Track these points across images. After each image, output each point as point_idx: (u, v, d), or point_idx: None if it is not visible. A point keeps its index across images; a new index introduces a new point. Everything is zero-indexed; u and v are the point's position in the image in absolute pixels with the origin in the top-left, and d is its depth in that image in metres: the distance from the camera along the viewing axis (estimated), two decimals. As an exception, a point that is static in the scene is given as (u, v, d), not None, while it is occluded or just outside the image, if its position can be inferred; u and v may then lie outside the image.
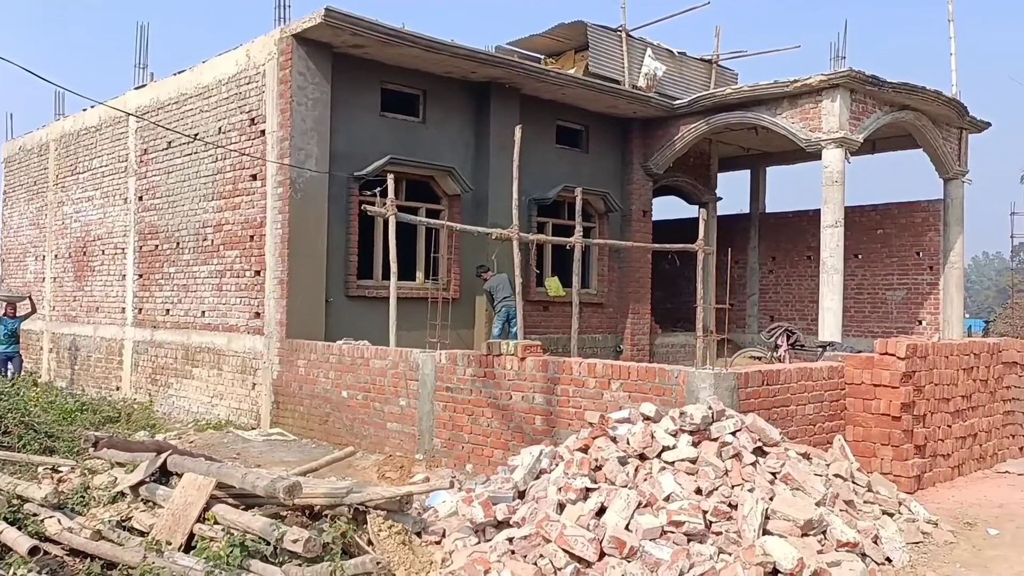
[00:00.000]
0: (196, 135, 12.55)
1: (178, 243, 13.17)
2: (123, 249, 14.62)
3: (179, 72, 13.39)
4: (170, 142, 13.35)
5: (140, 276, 14.13)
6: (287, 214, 11.00)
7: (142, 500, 6.05)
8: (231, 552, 4.82)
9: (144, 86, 14.41)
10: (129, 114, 13.77)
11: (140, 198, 14.16)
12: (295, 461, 8.63)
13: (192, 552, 5.13)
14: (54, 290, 16.94)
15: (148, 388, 13.67)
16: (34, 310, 15.55)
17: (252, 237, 11.63)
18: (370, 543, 5.24)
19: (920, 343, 7.71)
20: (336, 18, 10.62)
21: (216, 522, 5.35)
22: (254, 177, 11.61)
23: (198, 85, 12.78)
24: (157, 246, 13.69)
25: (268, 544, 4.89)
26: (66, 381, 15.89)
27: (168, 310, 13.38)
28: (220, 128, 12.24)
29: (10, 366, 14.62)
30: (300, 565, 4.74)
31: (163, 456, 6.22)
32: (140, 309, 14.08)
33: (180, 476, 5.90)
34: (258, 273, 11.49)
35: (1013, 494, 7.54)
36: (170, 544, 5.26)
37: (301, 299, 11.09)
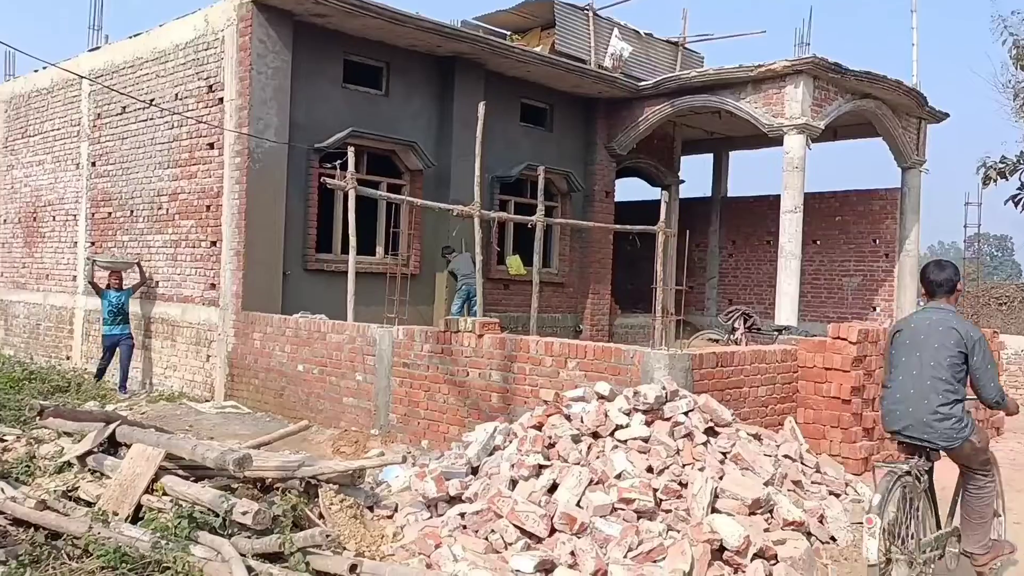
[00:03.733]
0: (152, 101, 12.24)
1: (132, 211, 12.87)
2: (75, 216, 14.25)
3: (135, 35, 13.02)
4: (124, 107, 13.00)
5: (92, 244, 13.79)
6: (245, 184, 10.79)
7: (89, 470, 5.95)
8: (179, 523, 4.75)
9: (98, 49, 13.99)
10: (82, 77, 13.36)
11: (93, 164, 13.80)
12: (249, 434, 8.54)
13: (140, 523, 5.06)
14: (2, 256, 16.47)
15: (99, 358, 13.39)
16: (143, 280, 12.34)
17: (208, 207, 11.40)
18: (321, 517, 5.21)
19: (871, 328, 7.85)
20: (299, -15, 10.40)
21: (165, 493, 5.27)
22: (211, 146, 11.37)
23: (154, 49, 12.44)
24: (110, 213, 13.37)
25: (217, 516, 4.83)
26: (14, 349, 15.50)
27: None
28: (177, 94, 11.95)
29: (120, 352, 11.84)
30: (249, 537, 4.69)
31: (112, 426, 6.11)
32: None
33: (129, 447, 5.80)
34: (214, 244, 11.29)
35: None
36: (117, 515, 5.18)
37: (258, 271, 10.92)
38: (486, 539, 5.01)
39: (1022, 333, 15.94)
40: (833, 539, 5.56)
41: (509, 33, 16.09)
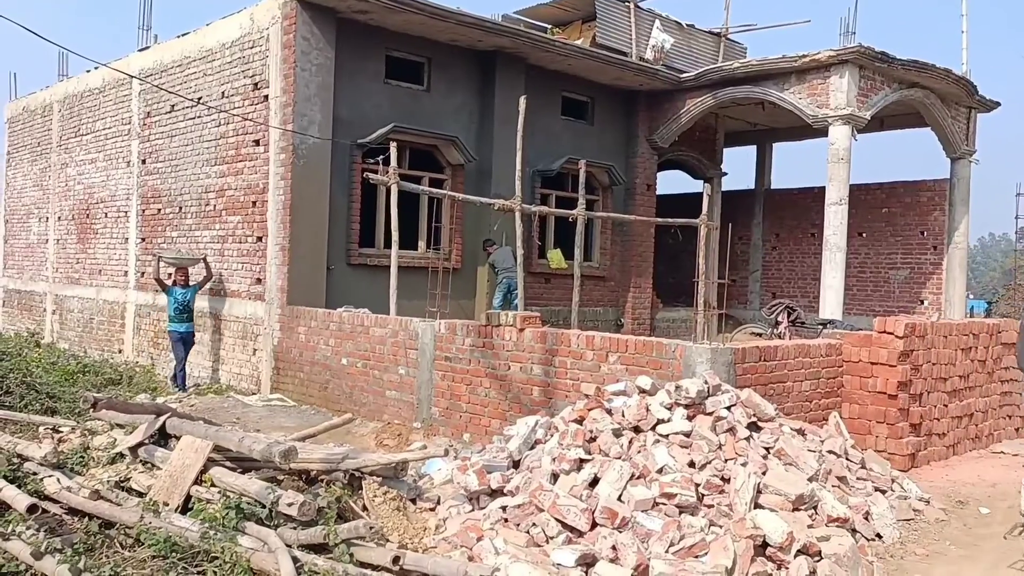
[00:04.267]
0: (199, 99, 12.48)
1: (181, 207, 13.15)
2: (126, 212, 14.61)
3: (183, 35, 13.29)
4: (173, 105, 13.28)
5: (143, 240, 14.13)
6: (289, 180, 10.96)
7: (141, 461, 6.09)
8: (227, 514, 4.85)
9: (148, 48, 14.30)
10: (132, 76, 13.68)
11: (143, 161, 14.13)
12: (294, 427, 8.69)
13: (189, 513, 5.17)
14: (57, 252, 16.97)
15: (150, 351, 13.74)
16: (210, 276, 12.08)
17: (254, 203, 11.61)
18: (365, 508, 5.28)
19: (918, 322, 7.71)
20: (341, -17, 10.50)
21: (213, 484, 5.39)
22: (257, 142, 11.56)
23: (201, 48, 12.68)
24: (160, 210, 13.68)
25: (264, 507, 4.93)
26: (69, 343, 15.97)
27: (170, 275, 13.37)
28: (223, 92, 12.17)
29: (183, 350, 11.79)
30: (295, 528, 4.78)
31: (162, 419, 6.25)
32: (143, 273, 14.10)
33: (179, 439, 5.94)
34: (260, 239, 11.49)
35: (1007, 474, 7.58)
36: (167, 505, 5.31)
37: (302, 266, 11.09)
38: (527, 532, 5.04)
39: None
40: (879, 536, 5.49)
41: (550, 27, 16.05)
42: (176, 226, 13.25)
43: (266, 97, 11.33)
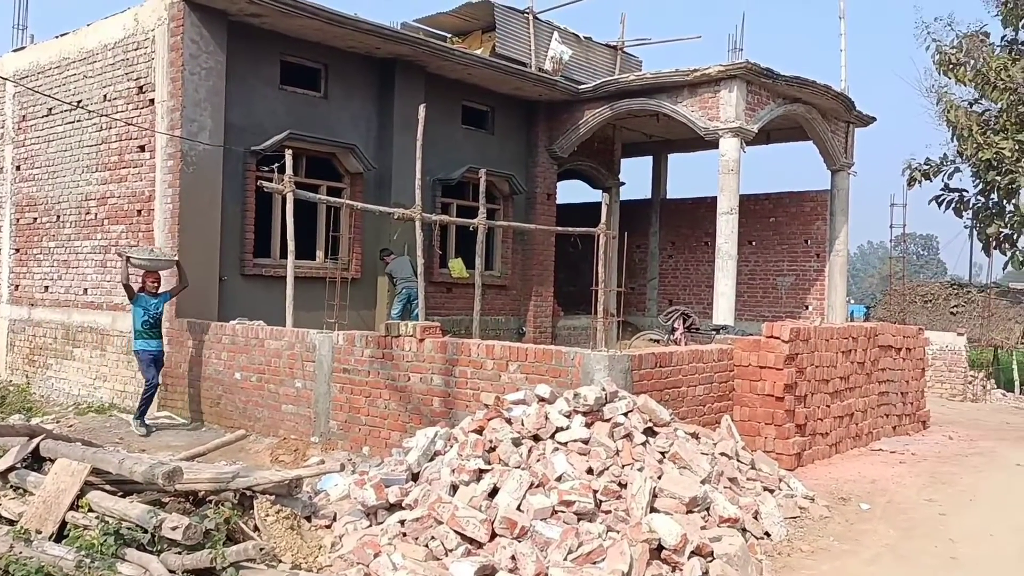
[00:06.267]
0: (79, 102, 11.84)
1: (59, 216, 12.43)
2: (-2, 221, 13.71)
3: (61, 35, 12.60)
4: (51, 109, 12.56)
5: (17, 251, 13.28)
6: (178, 188, 10.52)
7: (12, 487, 5.72)
8: (105, 540, 4.60)
9: (23, 49, 13.49)
10: (5, 79, 12.86)
11: (17, 168, 13.29)
12: (183, 445, 8.33)
13: (64, 541, 4.88)
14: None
15: (25, 369, 12.91)
16: (184, 283, 10.12)
17: (140, 212, 11.09)
18: (256, 529, 5.10)
19: (803, 327, 8.05)
20: (232, -15, 10.19)
21: (91, 510, 5.09)
22: (142, 148, 11.06)
23: (82, 49, 12.05)
24: (36, 219, 12.90)
25: (146, 532, 4.69)
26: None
27: (47, 287, 12.64)
28: (105, 96, 11.59)
29: (155, 372, 9.74)
30: (179, 553, 4.57)
31: (35, 441, 5.88)
32: (17, 286, 13.25)
33: (54, 462, 5.59)
34: (146, 249, 10.97)
35: (885, 470, 7.99)
36: (40, 533, 4.99)
37: (192, 277, 10.64)
38: (426, 546, 4.97)
39: (946, 329, 16.53)
40: (767, 534, 5.68)
41: (450, 36, 16.05)
42: (53, 236, 12.52)
43: (152, 101, 10.86)
